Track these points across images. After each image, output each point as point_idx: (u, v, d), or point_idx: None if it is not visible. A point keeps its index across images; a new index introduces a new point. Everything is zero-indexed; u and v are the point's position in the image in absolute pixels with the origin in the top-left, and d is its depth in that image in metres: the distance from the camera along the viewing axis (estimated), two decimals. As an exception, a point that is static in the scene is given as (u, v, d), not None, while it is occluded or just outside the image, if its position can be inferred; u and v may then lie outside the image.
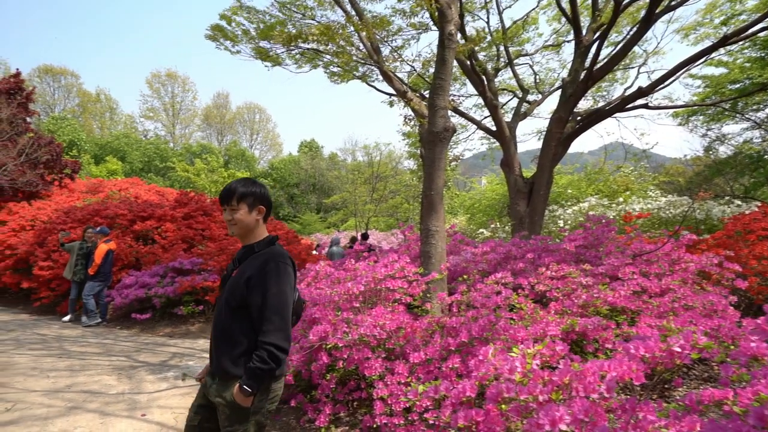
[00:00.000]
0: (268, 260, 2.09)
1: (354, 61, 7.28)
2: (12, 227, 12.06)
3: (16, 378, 5.59)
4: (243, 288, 2.08)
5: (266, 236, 2.27)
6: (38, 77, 43.76)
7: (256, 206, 2.22)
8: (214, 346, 2.18)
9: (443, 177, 5.39)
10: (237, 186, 2.21)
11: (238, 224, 2.19)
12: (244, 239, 2.25)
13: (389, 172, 26.35)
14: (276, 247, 2.21)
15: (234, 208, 2.18)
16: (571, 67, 8.18)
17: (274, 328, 2.02)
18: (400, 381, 3.39)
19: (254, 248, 2.19)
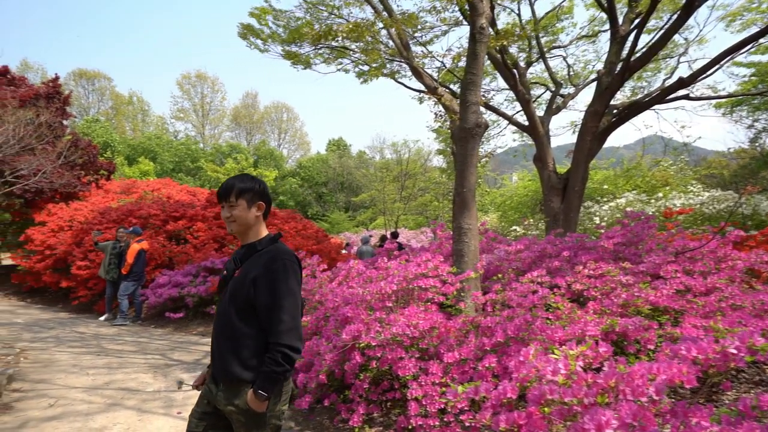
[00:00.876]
0: (275, 258, 2.03)
1: (382, 58, 7.28)
2: (51, 228, 12.52)
3: (57, 375, 5.80)
4: (249, 288, 2.01)
5: (268, 234, 2.20)
6: (73, 81, 45.30)
7: (256, 202, 2.15)
8: (219, 351, 2.08)
9: (475, 174, 5.34)
10: (235, 182, 2.14)
11: (237, 221, 2.12)
12: (243, 237, 2.18)
13: (418, 170, 26.26)
14: (281, 245, 2.14)
15: (232, 205, 2.11)
16: (607, 58, 7.99)
17: (287, 329, 1.96)
18: (435, 381, 3.38)
19: (257, 246, 2.12)
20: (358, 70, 9.53)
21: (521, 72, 9.09)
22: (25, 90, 13.64)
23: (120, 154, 32.76)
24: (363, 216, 35.63)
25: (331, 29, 6.75)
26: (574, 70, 11.29)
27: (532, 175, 20.82)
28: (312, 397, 3.93)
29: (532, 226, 13.87)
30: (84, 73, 45.96)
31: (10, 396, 4.97)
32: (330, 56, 9.15)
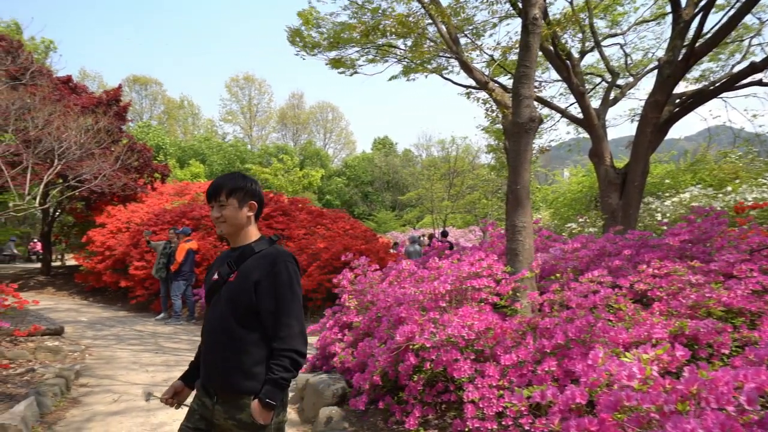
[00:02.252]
0: (276, 261, 1.96)
1: (430, 54, 7.25)
2: (110, 229, 13.19)
3: (119, 371, 6.10)
4: (250, 293, 1.92)
5: (261, 236, 2.12)
6: (128, 87, 47.46)
7: (247, 202, 2.06)
8: (217, 361, 1.97)
9: (529, 170, 5.23)
10: (225, 180, 2.06)
11: (227, 221, 2.03)
12: (234, 239, 2.09)
13: (466, 167, 25.97)
14: (279, 247, 2.06)
15: (222, 204, 2.02)
16: (669, 44, 7.64)
17: (294, 333, 1.91)
18: (492, 384, 3.33)
19: (253, 249, 2.02)
20: (404, 66, 9.52)
21: (574, 63, 8.83)
22: (87, 98, 14.42)
23: (171, 157, 34.08)
24: (410, 215, 35.62)
25: (379, 25, 6.77)
26: (632, 59, 10.85)
27: (586, 170, 20.20)
28: (367, 397, 3.96)
29: (588, 223, 13.45)
30: (137, 79, 48.10)
31: (77, 391, 5.26)
32: (376, 56, 9.19)
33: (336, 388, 4.51)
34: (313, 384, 4.69)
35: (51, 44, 25.21)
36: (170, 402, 2.13)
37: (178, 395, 2.17)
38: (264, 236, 2.11)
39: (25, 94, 10.51)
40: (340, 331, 5.08)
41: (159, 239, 10.85)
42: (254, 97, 52.17)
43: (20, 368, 5.57)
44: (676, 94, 8.04)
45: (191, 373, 2.22)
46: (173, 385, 2.16)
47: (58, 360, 6.38)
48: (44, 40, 24.79)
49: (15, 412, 3.89)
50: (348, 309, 5.13)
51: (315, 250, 9.88)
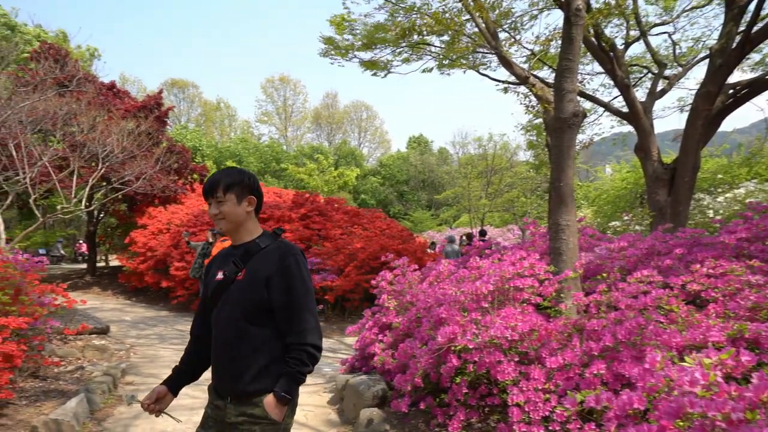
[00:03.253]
0: (286, 255, 1.94)
1: (467, 50, 7.18)
2: (151, 231, 13.61)
3: (163, 370, 6.28)
4: (262, 291, 1.90)
5: (264, 231, 2.08)
6: (166, 90, 48.90)
7: (246, 196, 2.01)
8: (229, 362, 1.93)
9: (573, 167, 5.12)
10: (222, 176, 2.01)
11: (226, 218, 1.98)
12: (235, 236, 2.05)
13: (505, 164, 25.63)
14: (284, 240, 2.05)
15: (220, 200, 1.97)
16: (722, 31, 7.34)
17: (310, 327, 1.90)
18: (537, 387, 3.28)
19: (259, 245, 1.99)
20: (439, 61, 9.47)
21: (618, 54, 8.57)
22: (130, 103, 14.95)
23: (208, 159, 34.90)
24: (446, 214, 35.39)
25: (415, 25, 6.75)
26: (681, 48, 10.45)
27: (630, 166, 19.63)
28: (408, 399, 3.96)
29: (636, 221, 13.05)
30: (175, 83, 49.47)
31: (124, 389, 5.45)
32: (411, 55, 9.17)
33: (376, 389, 4.52)
34: (353, 385, 4.72)
35: (95, 51, 26.20)
36: (151, 408, 2.00)
37: (160, 401, 2.04)
38: (266, 231, 2.08)
39: (72, 100, 10.96)
40: (380, 332, 5.09)
41: (198, 240, 11.12)
42: (289, 97, 52.90)
43: (70, 366, 5.82)
44: (730, 84, 7.71)
45: (176, 378, 2.13)
46: (156, 390, 2.04)
47: (104, 358, 6.63)
48: (89, 48, 25.79)
49: (67, 408, 4.06)
50: (387, 309, 5.14)
51: (352, 250, 9.94)
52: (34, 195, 9.67)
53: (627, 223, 13.22)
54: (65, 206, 10.44)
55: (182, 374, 2.15)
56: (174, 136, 33.79)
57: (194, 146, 34.21)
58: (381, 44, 8.79)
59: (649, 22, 9.77)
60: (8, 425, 3.86)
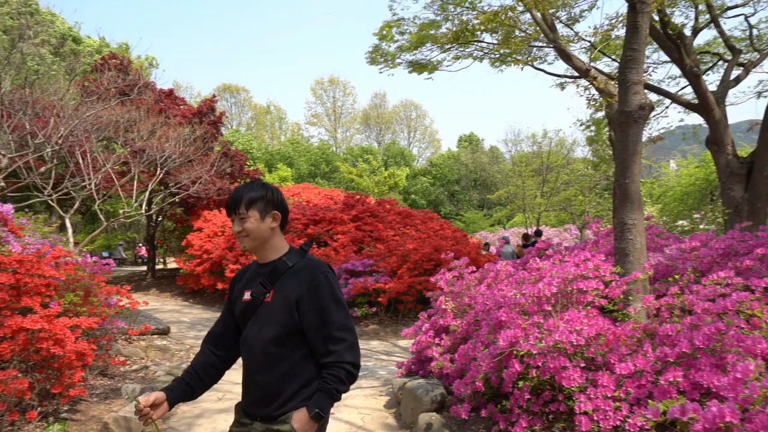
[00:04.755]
0: (314, 273, 1.88)
1: (522, 44, 7.05)
2: (207, 233, 14.10)
3: (222, 370, 6.49)
4: (292, 312, 1.84)
5: (291, 247, 1.99)
6: (218, 95, 50.61)
7: (269, 212, 1.93)
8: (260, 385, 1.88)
9: (640, 162, 4.94)
10: (244, 191, 1.94)
11: (250, 235, 1.91)
12: (260, 254, 1.97)
13: (561, 162, 24.98)
14: (312, 257, 1.98)
15: (243, 217, 1.90)
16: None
17: (348, 345, 1.84)
18: (606, 395, 3.17)
19: (286, 263, 1.92)
20: (492, 60, 9.34)
21: (687, 42, 8.18)
22: (186, 109, 15.58)
23: (260, 162, 35.81)
24: (499, 214, 34.87)
25: (467, 26, 6.70)
26: (758, 30, 9.80)
27: (698, 160, 18.74)
28: (468, 404, 3.92)
29: (707, 219, 12.43)
30: (227, 87, 51.12)
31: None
32: (461, 52, 9.09)
33: (435, 394, 4.50)
34: (410, 389, 4.72)
35: (153, 60, 27.46)
36: (144, 411, 1.85)
37: (155, 407, 1.90)
38: (293, 247, 2.00)
39: (133, 108, 11.50)
40: (437, 335, 5.07)
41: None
42: (338, 98, 53.61)
43: (135, 365, 6.11)
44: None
45: (176, 390, 1.99)
46: (155, 395, 1.91)
47: (166, 358, 6.92)
48: (148, 57, 27.07)
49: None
50: (444, 312, 5.11)
51: (405, 252, 9.95)
52: (98, 200, 10.21)
53: (696, 222, 12.62)
54: (127, 210, 10.98)
55: (183, 387, 2.01)
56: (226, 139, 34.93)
57: (245, 149, 35.21)
58: (431, 42, 8.76)
59: (722, 5, 9.24)
60: (82, 421, 4.09)
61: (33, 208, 10.60)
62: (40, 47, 15.06)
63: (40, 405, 3.94)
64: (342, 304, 1.88)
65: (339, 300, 1.87)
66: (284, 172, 31.87)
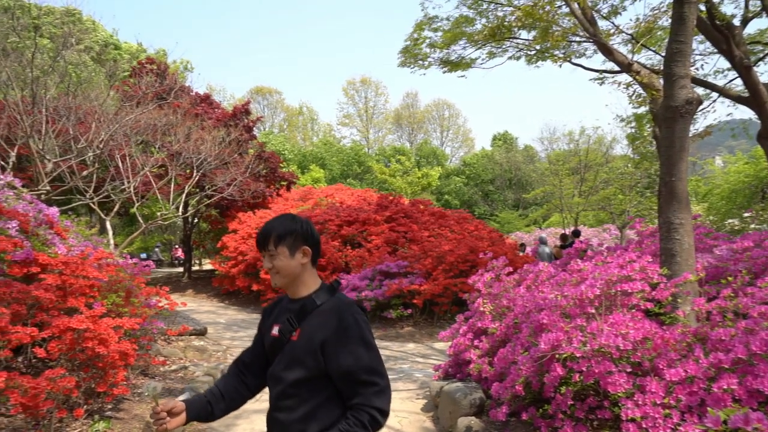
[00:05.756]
0: (343, 314, 1.80)
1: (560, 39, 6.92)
2: (241, 235, 14.34)
3: (258, 371, 6.58)
4: (317, 355, 1.78)
5: (321, 283, 1.93)
6: (251, 97, 51.46)
7: (299, 247, 1.87)
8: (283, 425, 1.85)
9: (686, 160, 4.78)
10: (272, 226, 1.89)
11: (281, 272, 1.87)
12: (292, 290, 1.92)
13: (600, 160, 24.43)
14: (342, 296, 1.91)
15: (272, 254, 1.86)
16: None
17: (377, 390, 1.75)
18: (655, 401, 3.08)
19: (314, 301, 1.87)
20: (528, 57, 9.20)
21: (736, 32, 7.88)
22: (221, 112, 15.91)
23: (292, 163, 36.26)
24: (535, 214, 34.36)
25: (503, 22, 6.62)
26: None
27: (747, 156, 18.05)
28: (507, 408, 3.87)
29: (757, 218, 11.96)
30: (259, 90, 51.92)
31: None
32: (496, 49, 8.99)
33: (474, 398, 4.46)
34: (448, 392, 4.69)
35: (188, 64, 28.16)
36: (161, 415, 1.81)
37: (172, 415, 1.86)
38: (324, 284, 1.94)
39: (170, 112, 11.80)
40: (475, 338, 5.02)
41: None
42: (370, 99, 53.79)
43: (174, 365, 6.25)
44: None
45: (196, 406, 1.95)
46: (175, 403, 1.88)
47: (204, 359, 7.06)
48: (182, 61, 27.81)
49: (175, 405, 4.36)
50: (482, 314, 5.06)
51: (440, 253, 9.90)
52: (137, 203, 10.50)
53: (747, 221, 12.15)
54: (164, 213, 11.26)
55: (204, 405, 1.97)
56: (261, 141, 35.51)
57: (278, 151, 35.71)
58: (466, 40, 8.69)
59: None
60: (125, 419, 4.21)
61: (75, 210, 10.97)
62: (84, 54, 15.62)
63: (86, 403, 4.08)
64: (372, 346, 1.80)
65: (368, 342, 1.79)
66: (317, 173, 32.18)
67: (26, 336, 3.38)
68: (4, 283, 3.74)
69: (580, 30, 6.63)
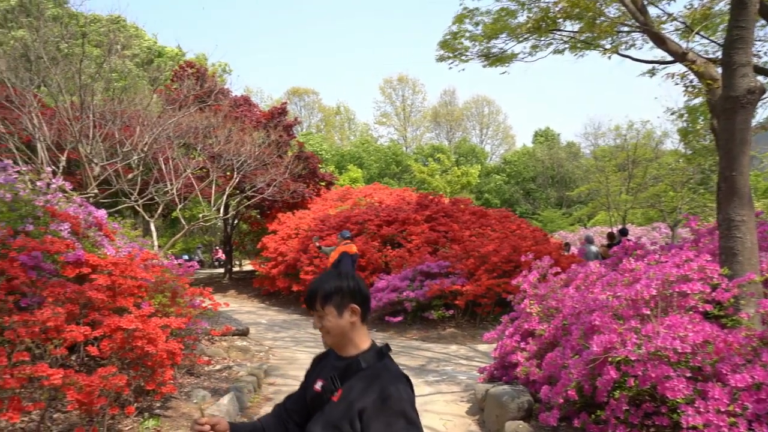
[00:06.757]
0: (386, 384, 1.73)
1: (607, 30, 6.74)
2: (281, 236, 14.55)
3: (301, 372, 6.60)
4: (354, 424, 1.71)
5: (370, 345, 1.87)
6: (288, 98, 52.20)
7: (347, 305, 1.83)
8: None
9: (748, 153, 4.58)
10: (318, 285, 1.86)
11: (330, 332, 1.83)
12: (340, 349, 1.88)
13: (649, 155, 23.67)
14: (389, 364, 1.84)
15: (321, 314, 1.83)
16: None
17: None
18: (719, 409, 2.96)
19: (360, 363, 1.81)
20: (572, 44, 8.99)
21: (798, 17, 7.51)
22: (260, 113, 16.22)
23: (330, 163, 36.59)
24: (579, 212, 33.61)
25: (548, 14, 6.49)
26: None
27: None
28: (558, 413, 3.79)
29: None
30: (296, 91, 52.56)
31: (267, 389, 5.86)
32: (539, 42, 8.81)
33: (521, 401, 4.39)
34: (494, 395, 4.63)
35: (226, 67, 28.78)
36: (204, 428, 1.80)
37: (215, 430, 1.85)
38: (374, 345, 1.88)
39: (210, 114, 12.08)
40: (522, 340, 4.94)
41: (326, 244, 11.67)
42: (408, 97, 53.68)
43: (218, 365, 6.39)
44: None
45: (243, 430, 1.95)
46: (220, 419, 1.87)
47: (247, 359, 7.19)
48: (221, 64, 28.42)
49: (221, 405, 4.46)
50: (529, 315, 4.97)
51: (483, 253, 9.80)
52: (180, 205, 10.79)
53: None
54: (206, 214, 11.54)
55: None
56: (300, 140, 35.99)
57: (315, 151, 36.08)
58: (507, 33, 8.56)
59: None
60: (173, 417, 4.33)
61: (120, 213, 11.37)
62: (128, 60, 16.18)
63: (135, 401, 4.20)
64: (413, 422, 1.70)
65: (410, 418, 1.70)
66: (355, 173, 32.37)
67: (80, 335, 3.50)
68: (59, 284, 3.90)
69: (629, 19, 6.44)
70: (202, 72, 15.17)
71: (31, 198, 5.16)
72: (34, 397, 3.45)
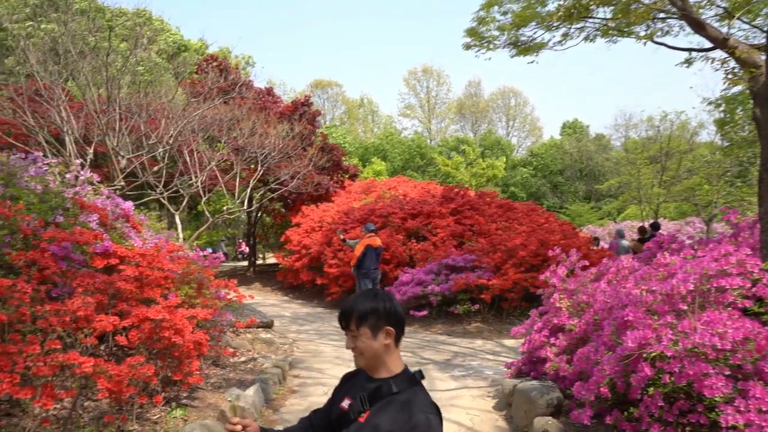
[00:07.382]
0: (416, 412, 1.71)
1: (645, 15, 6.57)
2: (305, 229, 14.63)
3: (325, 365, 6.72)
4: None
5: (403, 369, 1.86)
6: (311, 91, 52.40)
7: (381, 327, 1.81)
8: None
9: (792, 142, 4.44)
10: (353, 305, 1.84)
11: (363, 354, 1.82)
12: (372, 370, 1.86)
13: (683, 147, 23.12)
14: (421, 391, 1.81)
15: (355, 335, 1.82)
16: None
17: None
18: (762, 408, 2.88)
19: (391, 386, 1.79)
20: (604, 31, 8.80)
21: None
22: (283, 106, 16.34)
23: (354, 156, 36.66)
24: (609, 206, 33.07)
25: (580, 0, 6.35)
26: None
27: None
28: (590, 410, 3.74)
29: None
30: (319, 83, 52.73)
31: (292, 381, 5.92)
32: (570, 29, 8.64)
33: (551, 397, 4.35)
34: (523, 390, 4.59)
35: (249, 59, 29.01)
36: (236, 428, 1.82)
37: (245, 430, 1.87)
38: (406, 370, 1.87)
39: (234, 107, 12.19)
40: (551, 335, 4.88)
41: (350, 237, 11.70)
42: (432, 89, 53.40)
43: (243, 357, 6.47)
44: None
45: None
46: (250, 421, 1.89)
47: (271, 351, 7.27)
48: (244, 56, 28.67)
49: (247, 396, 4.52)
50: (558, 310, 4.91)
51: (510, 247, 9.71)
52: (204, 197, 10.94)
53: None
54: (230, 207, 11.68)
55: None
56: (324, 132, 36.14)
57: (339, 144, 36.18)
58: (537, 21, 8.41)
59: None
60: (200, 408, 4.40)
61: (146, 205, 11.57)
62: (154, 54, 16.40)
63: (163, 391, 4.28)
64: None
65: None
66: (378, 166, 32.39)
67: (109, 324, 3.58)
68: (88, 274, 3.99)
69: (666, 4, 6.27)
70: (225, 65, 15.32)
71: (61, 190, 5.29)
72: (66, 385, 3.54)
